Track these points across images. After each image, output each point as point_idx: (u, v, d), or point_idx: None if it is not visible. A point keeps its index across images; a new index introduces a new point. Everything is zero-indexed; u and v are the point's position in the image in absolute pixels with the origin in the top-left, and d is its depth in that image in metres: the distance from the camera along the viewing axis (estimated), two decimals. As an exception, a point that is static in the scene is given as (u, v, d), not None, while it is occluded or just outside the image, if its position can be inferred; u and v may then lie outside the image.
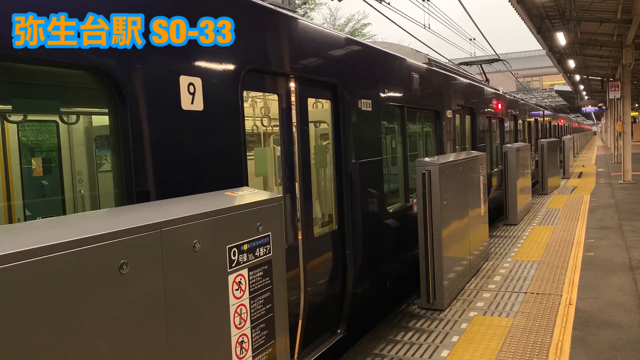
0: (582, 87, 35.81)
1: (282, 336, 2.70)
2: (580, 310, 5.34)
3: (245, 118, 3.54)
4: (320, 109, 5.65)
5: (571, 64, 22.34)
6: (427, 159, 5.75)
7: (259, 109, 6.38)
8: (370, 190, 5.38)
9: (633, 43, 15.65)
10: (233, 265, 2.36)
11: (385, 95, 5.84)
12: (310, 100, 4.78)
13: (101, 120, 4.86)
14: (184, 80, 2.93)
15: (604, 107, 38.44)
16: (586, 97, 41.14)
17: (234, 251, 2.37)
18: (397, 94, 6.24)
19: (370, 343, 4.83)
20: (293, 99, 4.25)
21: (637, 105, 42.97)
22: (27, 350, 1.53)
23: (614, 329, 4.81)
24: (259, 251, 2.53)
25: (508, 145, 10.50)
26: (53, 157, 4.89)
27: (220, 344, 2.29)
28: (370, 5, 11.49)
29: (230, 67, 3.34)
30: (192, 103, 2.98)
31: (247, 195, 2.68)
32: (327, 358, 4.57)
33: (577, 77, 29.47)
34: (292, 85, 4.23)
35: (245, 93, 3.68)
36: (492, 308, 5.52)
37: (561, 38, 15.29)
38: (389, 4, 11.33)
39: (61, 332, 1.62)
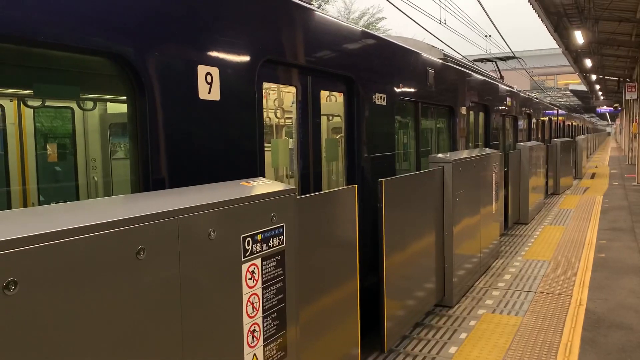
0: (597, 87, 35.39)
1: (292, 326, 2.71)
2: (590, 311, 5.31)
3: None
4: (333, 102, 5.63)
5: (588, 63, 22.08)
6: (440, 155, 5.73)
7: (272, 101, 6.37)
8: None
9: (652, 43, 15.44)
10: (247, 254, 2.38)
11: (399, 90, 5.81)
12: (324, 93, 4.77)
13: (116, 107, 4.90)
14: (201, 69, 2.94)
15: (620, 108, 37.99)
16: (602, 97, 40.67)
17: (248, 240, 2.38)
18: (412, 89, 6.21)
19: (378, 338, 4.84)
20: (309, 91, 4.25)
21: (653, 106, 42.33)
22: (44, 332, 1.55)
23: (624, 331, 4.78)
24: (273, 241, 2.55)
25: (521, 144, 10.43)
26: (68, 143, 4.94)
27: (232, 332, 2.31)
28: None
29: (248, 57, 3.35)
30: (209, 93, 2.99)
31: (262, 185, 2.69)
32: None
33: (593, 77, 29.12)
34: (309, 77, 4.23)
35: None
36: (502, 306, 5.51)
37: (579, 37, 15.11)
38: (405, -2, 11.25)
39: (79, 315, 1.65)
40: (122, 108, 2.95)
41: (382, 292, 4.23)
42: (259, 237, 2.45)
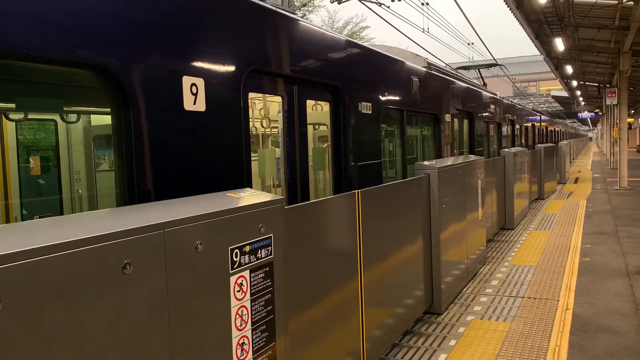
0: (578, 92, 35.98)
1: (282, 338, 2.69)
2: (577, 315, 5.35)
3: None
4: (320, 111, 5.65)
5: (568, 69, 22.45)
6: (426, 163, 5.76)
7: (258, 111, 6.37)
8: None
9: (630, 50, 15.74)
10: (235, 266, 2.36)
11: (385, 98, 5.85)
12: (310, 103, 4.78)
13: (100, 119, 4.86)
14: (186, 80, 2.93)
15: (601, 113, 38.64)
16: (583, 103, 41.33)
17: (236, 252, 2.36)
18: (397, 98, 6.25)
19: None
20: (295, 100, 4.26)
21: (633, 111, 43.19)
22: (28, 351, 1.52)
23: (611, 335, 4.82)
24: (261, 252, 2.53)
25: (505, 150, 10.55)
26: (51, 156, 4.87)
27: (221, 345, 2.28)
28: (369, 9, 11.52)
29: (233, 68, 3.34)
30: (194, 104, 2.98)
31: (249, 196, 2.68)
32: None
33: (574, 83, 29.61)
34: (295, 87, 4.24)
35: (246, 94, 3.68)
36: (490, 312, 5.53)
37: (559, 44, 15.36)
38: (388, 7, 11.36)
39: (65, 332, 1.61)
40: (107, 120, 2.92)
41: (361, 304, 3.96)
42: (247, 248, 2.44)
